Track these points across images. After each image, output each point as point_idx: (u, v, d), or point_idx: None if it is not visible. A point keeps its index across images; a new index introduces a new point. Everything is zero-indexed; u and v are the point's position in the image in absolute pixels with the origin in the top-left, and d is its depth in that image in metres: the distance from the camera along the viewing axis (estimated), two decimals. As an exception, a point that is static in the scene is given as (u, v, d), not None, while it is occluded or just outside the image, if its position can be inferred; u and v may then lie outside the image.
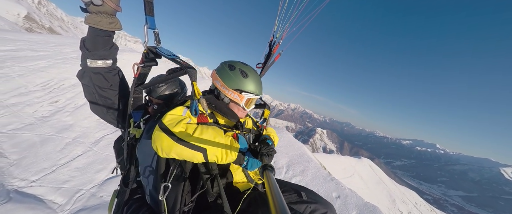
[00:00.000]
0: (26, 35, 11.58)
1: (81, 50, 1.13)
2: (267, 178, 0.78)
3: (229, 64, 1.30)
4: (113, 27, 1.06)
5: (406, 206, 19.34)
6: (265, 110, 1.72)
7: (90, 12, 0.99)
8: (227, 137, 1.06)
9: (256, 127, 1.63)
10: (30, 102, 5.42)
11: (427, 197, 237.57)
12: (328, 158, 19.26)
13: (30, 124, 4.72)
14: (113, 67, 1.24)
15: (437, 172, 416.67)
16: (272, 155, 1.16)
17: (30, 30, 41.09)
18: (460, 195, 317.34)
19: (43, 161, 3.92)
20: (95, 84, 1.20)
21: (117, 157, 1.63)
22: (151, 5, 1.07)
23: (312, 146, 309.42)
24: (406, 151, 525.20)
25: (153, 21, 1.11)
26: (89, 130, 5.28)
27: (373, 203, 5.37)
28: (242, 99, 1.28)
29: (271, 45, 1.80)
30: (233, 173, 1.27)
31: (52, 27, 56.90)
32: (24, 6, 43.95)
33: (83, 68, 1.17)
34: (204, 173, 1.09)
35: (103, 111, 1.33)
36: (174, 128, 0.96)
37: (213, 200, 1.06)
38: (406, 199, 21.12)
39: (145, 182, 1.20)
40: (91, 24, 1.01)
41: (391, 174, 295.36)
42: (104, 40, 1.11)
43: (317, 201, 1.26)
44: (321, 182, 5.52)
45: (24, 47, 8.54)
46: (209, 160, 0.99)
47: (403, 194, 22.91)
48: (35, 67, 7.06)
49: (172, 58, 1.14)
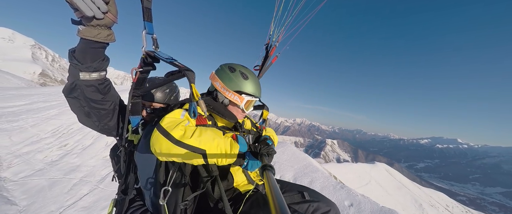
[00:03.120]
0: (40, 89, 12.61)
1: (70, 62, 1.08)
2: (267, 178, 0.77)
3: (229, 66, 1.32)
4: (110, 39, 1.04)
5: (436, 210, 17.40)
6: (263, 110, 1.71)
7: (87, 25, 0.95)
8: (227, 138, 1.06)
9: (255, 128, 1.65)
10: (41, 149, 5.72)
11: (461, 199, 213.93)
12: (339, 167, 18.34)
13: (40, 170, 4.93)
14: (106, 79, 1.21)
15: (466, 169, 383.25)
16: (272, 155, 1.14)
17: (44, 85, 44.46)
18: (499, 191, 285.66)
19: (51, 204, 4.01)
20: (87, 97, 1.15)
21: (114, 165, 1.59)
22: (149, 11, 1.08)
23: (325, 159, 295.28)
24: (426, 150, 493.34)
25: (151, 26, 1.12)
26: (95, 168, 5.43)
27: (398, 210, 5.00)
28: (242, 101, 1.28)
29: (268, 47, 1.82)
30: (233, 174, 1.27)
31: (64, 79, 61.50)
32: (39, 65, 48.41)
33: (73, 82, 1.11)
34: (205, 176, 1.08)
35: (95, 123, 1.28)
36: (172, 130, 0.96)
37: (214, 202, 1.06)
38: (434, 202, 19.16)
39: (145, 188, 1.18)
40: (89, 37, 0.97)
41: (416, 178, 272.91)
42: (99, 52, 1.08)
43: (319, 199, 1.25)
44: (331, 191, 5.29)
45: (37, 100, 9.29)
46: (209, 162, 0.99)
47: (430, 197, 20.82)
48: (47, 116, 7.58)
49: (170, 62, 1.13)
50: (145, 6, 1.06)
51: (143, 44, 1.13)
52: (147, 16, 1.08)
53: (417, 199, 18.81)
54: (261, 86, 1.42)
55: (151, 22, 1.11)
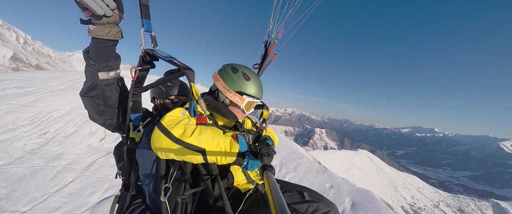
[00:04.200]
0: (12, 74, 11.65)
1: (87, 63, 1.10)
2: (267, 178, 0.77)
3: (232, 67, 1.31)
4: (120, 36, 1.05)
5: (408, 191, 19.36)
6: (263, 110, 1.71)
7: (98, 23, 0.95)
8: (227, 137, 1.06)
9: (255, 128, 1.64)
10: (19, 137, 5.46)
11: (432, 181, 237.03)
12: (325, 154, 19.33)
13: (19, 158, 4.76)
14: (120, 76, 1.25)
15: (440, 155, 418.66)
16: (272, 155, 1.13)
17: (17, 70, 40.88)
18: (466, 175, 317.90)
19: (34, 191, 3.95)
20: (106, 96, 1.19)
21: (117, 162, 1.62)
22: (147, 8, 1.06)
23: (313, 147, 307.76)
24: (406, 139, 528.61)
25: (150, 24, 1.10)
26: (80, 156, 5.33)
27: (375, 191, 5.48)
28: (243, 102, 1.28)
29: (266, 45, 1.79)
30: (233, 173, 1.27)
31: (39, 64, 56.74)
32: (9, 48, 43.96)
33: (93, 83, 1.14)
34: (204, 174, 1.09)
35: (107, 121, 1.31)
36: (172, 129, 0.97)
37: (214, 200, 1.07)
38: (408, 184, 21.18)
39: (146, 185, 1.20)
40: (100, 36, 0.98)
41: (395, 164, 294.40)
42: (112, 51, 1.10)
43: (319, 200, 1.26)
44: (314, 175, 5.66)
45: (10, 86, 8.62)
46: (208, 161, 0.99)
47: (404, 180, 22.91)
48: (23, 103, 7.13)
49: (169, 60, 1.13)
50: (143, 3, 1.03)
51: (142, 42, 1.11)
52: (145, 14, 1.06)
53: (393, 182, 20.60)
54: (263, 87, 1.41)
55: (149, 20, 1.09)
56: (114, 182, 4.67)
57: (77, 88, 9.42)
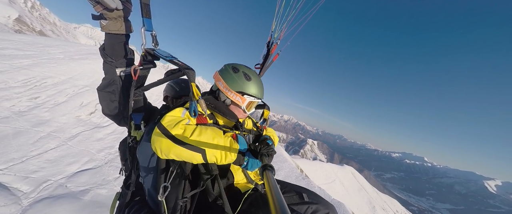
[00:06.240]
0: (14, 35, 11.57)
1: (104, 59, 1.11)
2: (267, 178, 0.77)
3: (233, 67, 1.31)
4: (131, 30, 1.07)
5: (385, 213, 19.65)
6: (264, 110, 1.70)
7: (109, 18, 0.96)
8: (227, 138, 1.06)
9: (256, 128, 1.64)
10: (8, 97, 5.47)
11: (413, 208, 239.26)
12: (311, 164, 19.45)
13: (5, 117, 4.77)
14: None
15: (425, 184, 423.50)
16: (272, 155, 1.13)
17: (20, 32, 40.36)
18: (447, 207, 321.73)
19: (14, 152, 3.98)
20: (123, 91, 1.22)
21: (122, 158, 1.63)
22: (147, 7, 1.05)
23: (302, 156, 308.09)
24: (396, 163, 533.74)
25: (150, 23, 1.10)
26: (66, 125, 5.36)
27: (353, 209, 5.57)
28: (244, 102, 1.28)
29: (269, 45, 1.79)
30: (233, 173, 1.27)
31: (43, 30, 56.09)
32: (15, 9, 43.42)
33: (110, 79, 1.16)
34: (204, 174, 1.09)
35: (119, 116, 1.33)
36: (172, 129, 0.97)
37: (214, 200, 1.07)
38: (387, 207, 21.48)
39: (146, 183, 1.20)
40: (114, 31, 0.99)
41: (380, 186, 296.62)
42: (125, 45, 1.12)
43: (318, 201, 1.26)
44: (292, 181, 5.78)
45: (9, 47, 8.59)
46: (208, 161, 0.99)
47: (384, 202, 23.21)
48: (19, 65, 7.12)
49: (170, 60, 1.13)
50: (144, 2, 1.03)
51: (142, 41, 1.11)
52: (146, 12, 1.06)
53: (372, 201, 20.87)
54: (264, 88, 1.41)
55: (150, 19, 1.08)
56: (95, 156, 4.73)
57: (76, 59, 9.41)
